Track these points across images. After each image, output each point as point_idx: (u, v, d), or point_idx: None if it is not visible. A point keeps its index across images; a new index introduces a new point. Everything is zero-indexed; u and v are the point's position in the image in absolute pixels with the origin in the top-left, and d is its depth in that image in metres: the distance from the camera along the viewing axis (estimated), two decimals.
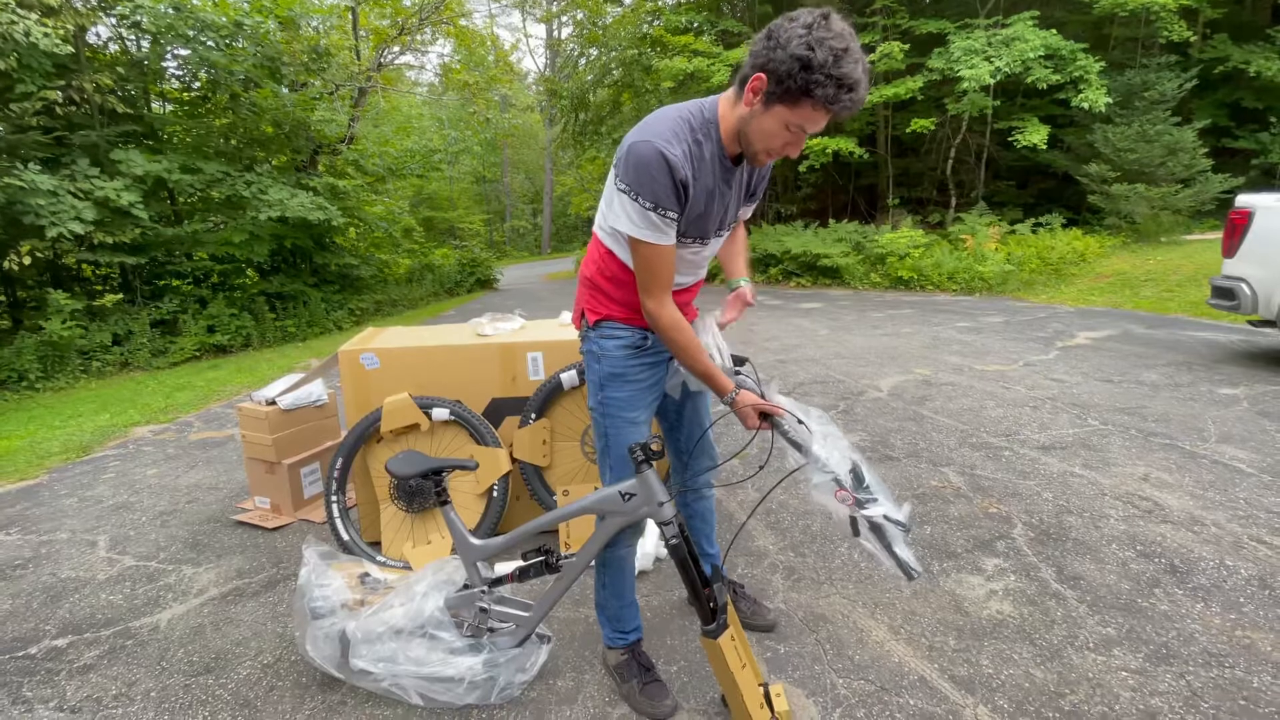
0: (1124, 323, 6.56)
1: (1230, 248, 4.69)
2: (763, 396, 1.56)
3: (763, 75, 1.29)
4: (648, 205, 1.39)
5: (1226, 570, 2.23)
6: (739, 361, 1.67)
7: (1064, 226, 10.74)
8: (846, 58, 1.24)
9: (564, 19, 22.20)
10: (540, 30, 33.49)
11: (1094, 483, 2.96)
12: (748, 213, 1.74)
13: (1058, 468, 3.14)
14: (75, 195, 7.02)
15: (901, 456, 3.40)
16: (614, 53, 15.49)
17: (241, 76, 9.13)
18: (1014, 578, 2.26)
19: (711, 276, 3.18)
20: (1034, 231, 10.65)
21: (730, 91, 1.43)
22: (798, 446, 1.48)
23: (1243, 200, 4.65)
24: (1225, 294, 4.68)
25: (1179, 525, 2.54)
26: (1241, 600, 2.06)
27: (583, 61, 17.96)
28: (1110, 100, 10.01)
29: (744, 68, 1.35)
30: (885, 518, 1.36)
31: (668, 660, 1.92)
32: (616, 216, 1.45)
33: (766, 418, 1.54)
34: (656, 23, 14.35)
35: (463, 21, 15.32)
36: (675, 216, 1.42)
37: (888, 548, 1.37)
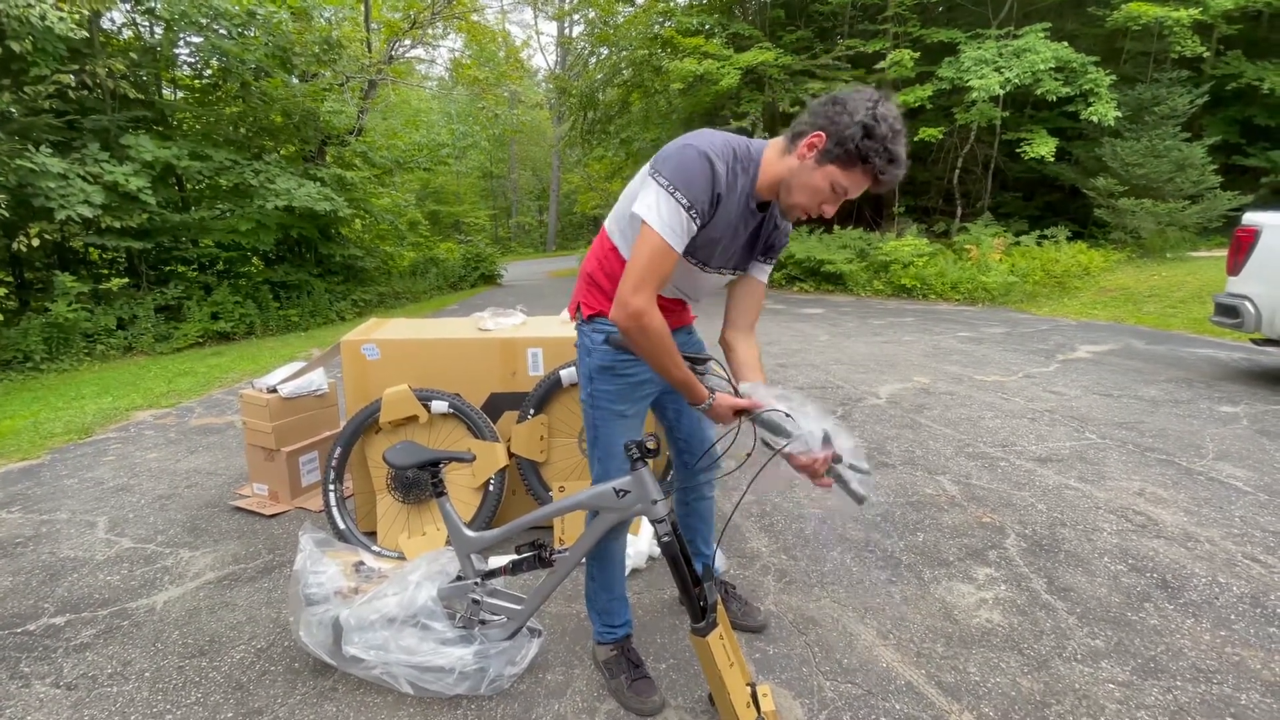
0: (1126, 337, 6.56)
1: (1235, 265, 4.69)
2: (736, 393, 1.56)
3: (823, 134, 1.39)
4: (684, 203, 1.41)
5: (1219, 587, 2.23)
6: (701, 361, 1.60)
7: (1069, 239, 10.73)
8: (899, 137, 1.38)
9: (575, 17, 22.22)
10: (551, 28, 33.54)
11: (1089, 496, 2.96)
12: (764, 273, 1.72)
13: (1053, 480, 3.15)
14: (85, 179, 7.06)
15: (897, 464, 3.41)
16: (624, 52, 15.51)
17: (253, 65, 9.16)
18: (1005, 587, 2.26)
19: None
20: (1039, 244, 10.64)
21: (780, 141, 1.49)
22: (777, 430, 1.48)
23: (1249, 218, 4.65)
24: (1229, 311, 4.68)
25: (1172, 541, 2.55)
26: (1232, 617, 2.07)
27: (593, 60, 17.98)
28: (1120, 114, 10.01)
29: (799, 124, 1.44)
30: (851, 466, 1.51)
31: (657, 658, 1.94)
32: (646, 207, 1.42)
33: (743, 413, 1.54)
34: (668, 24, 14.36)
35: (474, 17, 15.35)
36: (698, 226, 1.45)
37: (846, 488, 1.52)
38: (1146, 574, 2.32)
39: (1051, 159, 10.54)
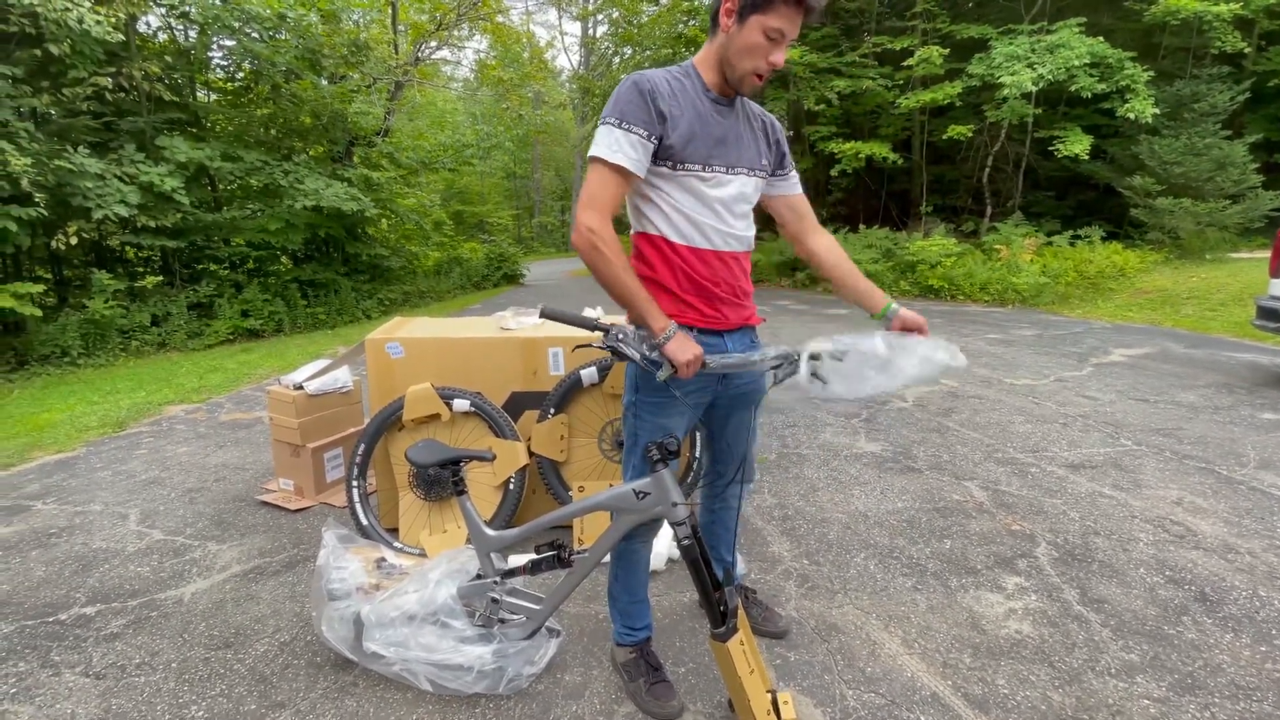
0: (1163, 341, 6.36)
1: (1278, 267, 4.52)
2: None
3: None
4: (613, 122, 1.44)
5: (1259, 601, 2.15)
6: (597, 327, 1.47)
7: (1104, 240, 10.45)
8: None
9: (599, 17, 22.27)
10: (575, 28, 33.65)
11: (1124, 504, 2.87)
12: (794, 184, 1.74)
13: (1086, 487, 3.06)
14: (121, 179, 7.25)
15: (924, 469, 3.34)
16: (648, 52, 15.50)
17: (283, 68, 9.34)
18: (1035, 597, 2.20)
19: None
20: (1072, 244, 10.39)
21: (704, 45, 1.56)
22: (745, 364, 1.49)
23: None
24: (1271, 315, 4.51)
25: (1211, 552, 2.46)
26: (1274, 632, 1.99)
27: (617, 60, 18.01)
28: (1157, 111, 9.72)
29: (711, 7, 1.50)
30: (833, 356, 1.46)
31: (676, 661, 1.92)
32: (591, 146, 1.48)
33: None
34: (692, 23, 14.31)
35: (499, 18, 15.46)
36: (642, 134, 1.44)
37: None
38: (1184, 586, 2.24)
39: (1086, 157, 10.27)
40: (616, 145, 1.43)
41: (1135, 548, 2.50)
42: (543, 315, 1.53)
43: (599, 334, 1.47)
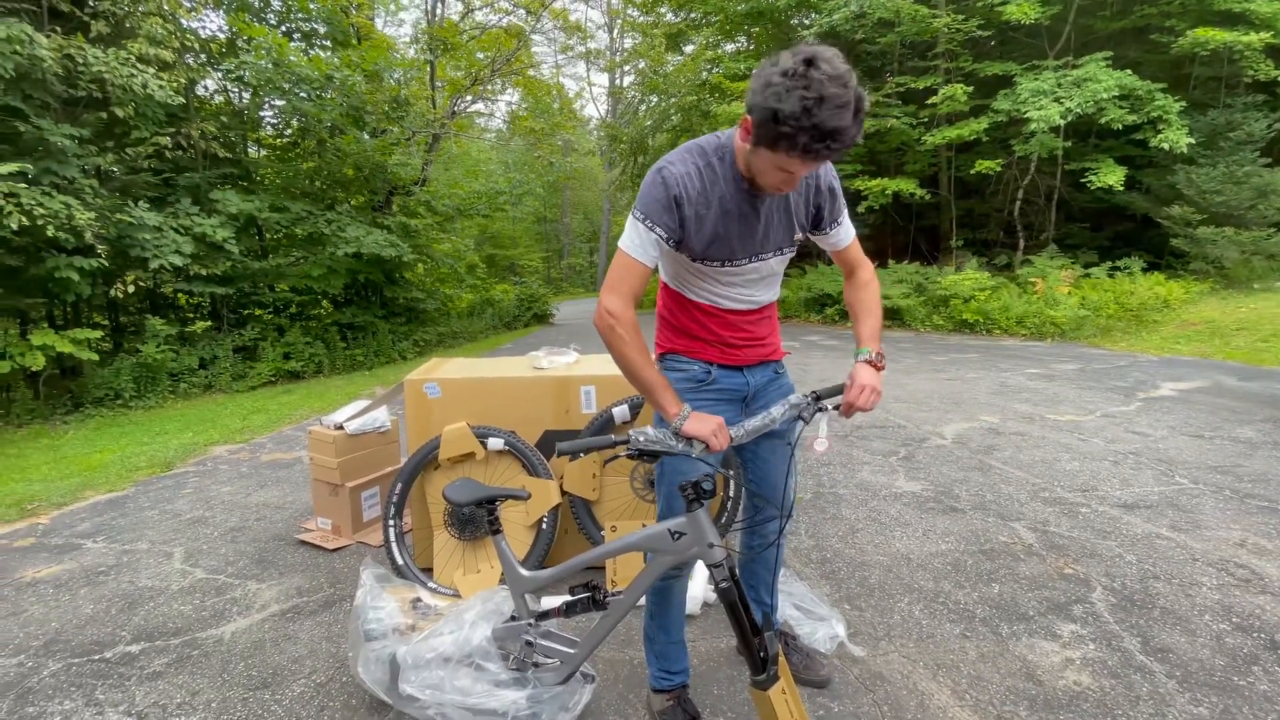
0: (1214, 374, 6.12)
1: None
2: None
3: (748, 118, 1.30)
4: (639, 217, 1.45)
5: None
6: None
7: (1145, 271, 10.19)
8: (821, 107, 1.17)
9: (626, 68, 23.08)
10: (603, 79, 34.91)
11: (1184, 546, 2.73)
12: (841, 239, 1.66)
13: (1142, 528, 2.92)
14: (177, 231, 7.67)
15: (967, 509, 3.23)
16: (674, 99, 15.96)
17: (329, 124, 9.86)
18: (1093, 646, 2.09)
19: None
20: (1111, 275, 10.15)
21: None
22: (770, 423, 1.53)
23: None
24: None
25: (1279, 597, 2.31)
26: None
27: (643, 108, 18.57)
28: (1192, 140, 9.57)
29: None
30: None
31: (714, 710, 1.86)
32: (623, 234, 1.50)
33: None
34: (716, 70, 14.73)
35: (530, 72, 16.13)
36: (663, 235, 1.45)
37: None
38: (1253, 633, 2.10)
39: (1120, 188, 10.12)
40: (640, 244, 1.46)
41: (1198, 593, 2.37)
42: (560, 453, 1.52)
43: (622, 447, 1.50)
